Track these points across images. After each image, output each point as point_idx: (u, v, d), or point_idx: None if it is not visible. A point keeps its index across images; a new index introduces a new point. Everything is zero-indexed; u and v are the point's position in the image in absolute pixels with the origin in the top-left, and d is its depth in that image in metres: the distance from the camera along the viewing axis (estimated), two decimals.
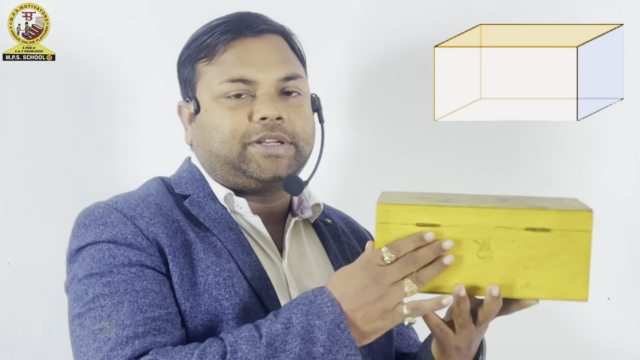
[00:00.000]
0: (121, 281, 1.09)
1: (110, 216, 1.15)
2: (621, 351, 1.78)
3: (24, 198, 1.72)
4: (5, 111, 1.72)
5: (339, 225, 1.39)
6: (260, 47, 1.25)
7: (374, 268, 1.03)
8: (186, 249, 1.15)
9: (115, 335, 1.04)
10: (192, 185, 1.26)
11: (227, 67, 1.23)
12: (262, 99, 1.22)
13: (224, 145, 1.22)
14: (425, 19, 1.78)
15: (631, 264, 1.78)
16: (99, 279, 1.09)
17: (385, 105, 1.81)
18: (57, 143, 1.73)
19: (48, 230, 1.71)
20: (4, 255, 1.72)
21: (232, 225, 1.22)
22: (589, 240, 1.07)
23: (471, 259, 1.04)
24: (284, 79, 1.24)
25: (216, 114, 1.23)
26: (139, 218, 1.15)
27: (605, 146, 1.80)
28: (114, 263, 1.10)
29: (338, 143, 1.74)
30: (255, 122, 1.21)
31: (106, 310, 1.06)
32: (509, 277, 1.05)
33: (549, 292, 1.06)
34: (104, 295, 1.08)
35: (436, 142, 1.80)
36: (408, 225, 1.04)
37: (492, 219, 1.04)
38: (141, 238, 1.13)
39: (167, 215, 1.18)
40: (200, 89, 1.26)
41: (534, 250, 1.05)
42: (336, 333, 1.01)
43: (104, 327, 1.05)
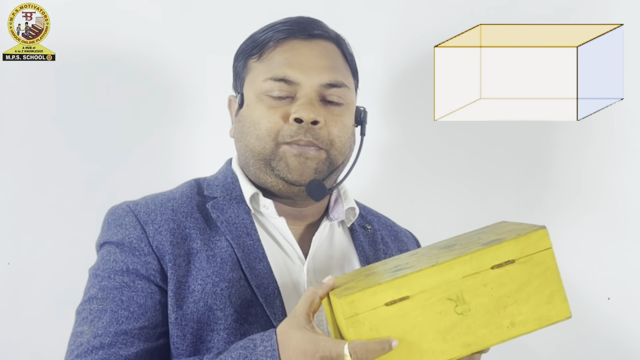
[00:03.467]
0: (113, 288, 1.18)
1: (125, 218, 1.23)
2: (621, 351, 1.78)
3: (24, 198, 1.72)
4: (5, 111, 1.72)
5: (380, 233, 1.37)
6: (308, 50, 1.26)
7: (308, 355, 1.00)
8: (189, 257, 1.19)
9: (87, 342, 1.14)
10: (222, 188, 1.28)
11: (273, 66, 1.24)
12: (300, 101, 1.22)
13: (259, 141, 1.23)
14: (425, 19, 1.78)
15: (631, 264, 1.78)
16: (100, 281, 1.20)
17: (385, 106, 1.81)
18: (57, 143, 1.73)
19: (48, 230, 1.71)
20: (4, 255, 1.71)
21: (250, 231, 1.23)
22: (552, 256, 1.05)
23: (451, 319, 1.02)
24: (327, 85, 1.24)
25: (256, 110, 1.24)
26: (150, 224, 1.21)
27: (605, 146, 1.79)
28: (114, 268, 1.20)
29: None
30: (291, 123, 1.21)
31: (92, 314, 1.17)
32: (493, 323, 1.03)
33: (534, 322, 1.04)
34: (97, 298, 1.18)
35: (436, 142, 1.80)
36: (378, 308, 1.00)
37: (457, 270, 1.02)
38: (144, 244, 1.20)
39: (180, 222, 1.22)
40: (247, 84, 1.28)
41: (506, 287, 1.03)
42: None
43: (84, 331, 1.15)
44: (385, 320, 1.00)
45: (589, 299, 1.76)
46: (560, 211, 1.80)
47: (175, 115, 1.76)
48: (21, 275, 1.71)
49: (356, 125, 1.32)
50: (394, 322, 1.00)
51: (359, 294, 0.99)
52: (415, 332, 1.01)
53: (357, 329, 0.99)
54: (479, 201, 1.80)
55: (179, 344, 1.15)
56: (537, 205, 1.80)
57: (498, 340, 1.04)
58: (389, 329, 1.00)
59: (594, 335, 1.78)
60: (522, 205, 1.80)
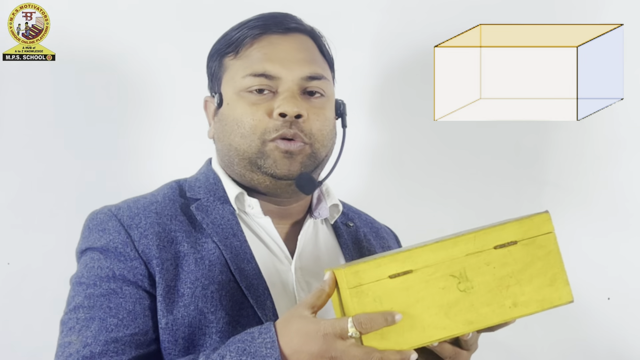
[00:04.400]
0: (100, 295, 1.15)
1: (108, 223, 1.20)
2: (621, 351, 1.78)
3: (24, 198, 1.72)
4: (6, 111, 1.72)
5: (362, 230, 1.37)
6: (286, 44, 1.25)
7: (333, 340, 0.99)
8: (177, 261, 1.17)
9: (76, 352, 1.11)
10: (205, 189, 1.26)
11: (252, 62, 1.23)
12: (283, 96, 1.21)
13: (244, 139, 1.22)
14: (425, 19, 1.78)
15: (631, 264, 1.78)
16: (85, 289, 1.16)
17: (384, 106, 1.81)
18: (57, 143, 1.73)
19: (48, 230, 1.71)
20: (4, 255, 1.71)
21: (236, 232, 1.22)
22: (554, 240, 1.07)
23: (454, 295, 1.03)
24: (307, 78, 1.24)
25: (237, 108, 1.23)
26: (134, 228, 1.18)
27: (605, 146, 1.80)
28: (99, 275, 1.16)
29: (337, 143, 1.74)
30: (275, 118, 1.21)
31: (79, 323, 1.14)
32: (496, 302, 1.04)
33: (536, 304, 1.06)
34: (83, 307, 1.15)
35: (436, 142, 1.80)
36: (382, 280, 1.01)
37: (461, 248, 1.04)
38: (130, 249, 1.17)
39: (165, 225, 1.20)
40: (224, 82, 1.26)
41: (509, 267, 1.05)
42: None
43: (72, 342, 1.12)
44: (389, 292, 1.01)
45: (589, 299, 1.76)
46: (559, 211, 1.79)
47: (176, 115, 1.76)
48: (21, 275, 1.71)
49: (337, 117, 1.32)
50: (397, 294, 1.01)
51: (363, 265, 1.01)
52: (418, 306, 1.02)
53: (361, 299, 1.00)
54: (479, 201, 1.80)
55: (171, 349, 1.13)
56: (537, 205, 1.79)
57: (500, 320, 1.05)
58: (392, 301, 1.01)
59: (594, 335, 1.78)
60: (521, 205, 1.80)
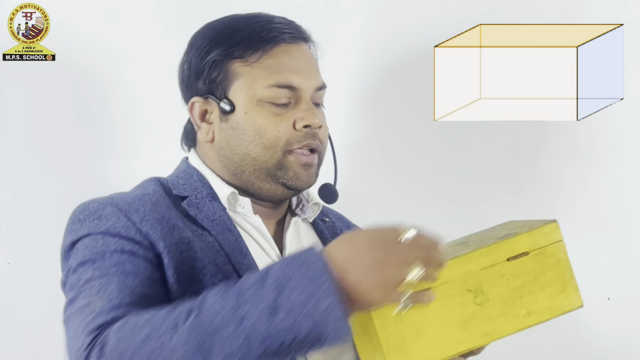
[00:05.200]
0: (112, 265, 1.07)
1: (104, 210, 1.14)
2: (621, 351, 1.78)
3: (24, 198, 1.72)
4: (5, 111, 1.72)
5: (338, 225, 1.39)
6: (299, 54, 1.25)
7: (386, 240, 0.95)
8: (183, 246, 1.14)
9: (101, 306, 1.02)
10: (190, 187, 1.25)
11: (273, 72, 1.22)
12: (304, 107, 1.22)
13: (266, 150, 1.21)
14: (425, 19, 1.78)
15: (631, 264, 1.78)
16: (91, 264, 1.08)
17: (385, 105, 1.81)
18: (57, 143, 1.73)
19: (48, 230, 1.70)
20: (4, 255, 1.71)
21: (230, 227, 1.21)
22: (563, 249, 1.10)
23: (471, 309, 1.05)
24: (318, 88, 1.25)
25: (259, 118, 1.21)
26: (133, 213, 1.14)
27: (605, 146, 1.80)
28: (106, 250, 1.09)
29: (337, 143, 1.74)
30: (299, 130, 1.21)
31: (96, 289, 1.05)
32: (510, 312, 1.06)
33: (549, 311, 1.08)
34: (95, 278, 1.06)
35: (436, 142, 1.80)
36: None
37: (476, 263, 1.05)
38: (134, 232, 1.12)
39: (163, 213, 1.17)
40: (236, 89, 1.23)
41: (522, 278, 1.07)
42: (317, 283, 0.91)
43: (92, 302, 1.03)
44: (409, 311, 1.01)
45: (589, 299, 1.76)
46: (559, 211, 1.80)
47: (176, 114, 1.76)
48: (21, 275, 1.71)
49: None
50: (417, 312, 1.02)
51: None
52: (437, 322, 1.04)
53: (383, 321, 1.01)
54: (479, 201, 1.80)
55: None
56: (537, 205, 1.80)
57: (515, 329, 1.07)
58: (412, 319, 1.02)
59: (594, 335, 1.78)
60: (521, 205, 1.80)
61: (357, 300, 0.93)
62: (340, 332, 0.91)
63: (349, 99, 1.80)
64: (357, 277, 0.93)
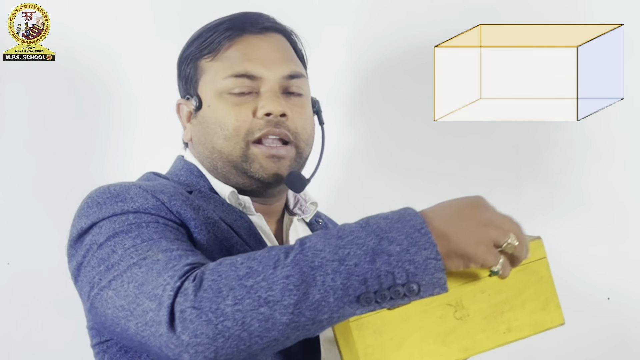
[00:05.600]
0: (153, 232, 1.02)
1: (129, 192, 1.08)
2: (621, 351, 1.78)
3: (24, 198, 1.72)
4: (6, 111, 1.72)
5: (329, 226, 1.39)
6: (264, 44, 1.25)
7: (483, 205, 0.98)
8: (210, 226, 1.12)
9: (166, 256, 0.96)
10: (192, 182, 1.24)
11: (232, 63, 1.22)
12: (266, 95, 1.21)
13: (228, 142, 1.21)
14: (425, 19, 1.78)
15: (631, 264, 1.78)
16: (127, 235, 1.01)
17: (385, 106, 1.81)
18: (58, 143, 1.73)
19: (48, 230, 1.71)
20: (4, 255, 1.71)
21: (241, 214, 1.21)
22: (546, 266, 1.08)
23: (451, 323, 1.04)
24: (287, 77, 1.24)
25: (219, 109, 1.22)
26: (159, 193, 1.10)
27: (605, 146, 1.79)
28: (141, 221, 1.04)
29: (338, 143, 1.74)
30: (259, 118, 1.20)
31: (143, 249, 0.98)
32: (490, 327, 1.05)
33: (529, 328, 1.07)
34: (137, 245, 0.99)
35: (436, 142, 1.80)
36: (381, 312, 0.99)
37: (457, 277, 1.03)
38: (165, 211, 1.08)
39: (186, 196, 1.14)
40: (202, 85, 1.25)
41: (503, 294, 1.06)
42: (415, 236, 0.92)
43: (149, 256, 0.97)
44: (388, 323, 1.02)
45: (589, 299, 1.76)
46: (559, 211, 1.80)
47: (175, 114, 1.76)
48: (21, 275, 1.71)
49: (313, 114, 1.32)
50: (396, 325, 1.02)
51: None
52: (416, 335, 1.03)
53: (361, 332, 1.01)
54: None
55: None
56: (537, 205, 1.80)
57: (495, 345, 1.06)
58: (391, 332, 1.02)
59: (594, 335, 1.78)
60: (521, 205, 1.80)
61: (454, 250, 0.94)
62: (436, 283, 0.92)
63: (349, 99, 1.80)
64: (461, 235, 0.94)
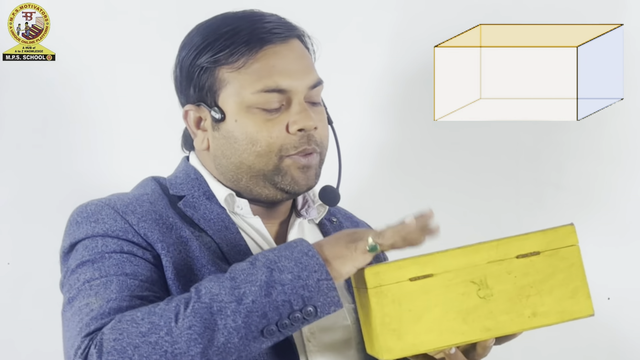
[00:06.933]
0: (112, 265, 1.09)
1: (101, 213, 1.14)
2: (621, 351, 1.78)
3: (24, 198, 1.72)
4: (5, 111, 1.72)
5: (345, 224, 1.36)
6: (289, 53, 1.21)
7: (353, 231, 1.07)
8: (181, 246, 1.14)
9: (99, 307, 1.03)
10: (187, 185, 1.23)
11: (260, 76, 1.18)
12: (296, 110, 1.18)
13: (260, 158, 1.18)
14: (425, 19, 1.78)
15: (631, 264, 1.78)
16: (91, 265, 1.09)
17: (385, 105, 1.81)
18: (57, 143, 1.73)
19: (48, 230, 1.70)
20: (4, 255, 1.72)
21: (228, 224, 1.20)
22: (578, 253, 1.07)
23: (473, 301, 1.04)
24: (312, 86, 1.21)
25: (249, 125, 1.18)
26: (130, 214, 1.14)
27: (605, 146, 1.80)
28: (106, 250, 1.11)
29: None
30: (292, 133, 1.18)
31: (94, 289, 1.06)
32: (515, 310, 1.05)
33: (556, 315, 1.06)
34: (94, 278, 1.08)
35: (436, 142, 1.80)
36: (402, 282, 1.02)
37: (483, 255, 1.04)
38: (132, 234, 1.12)
39: (161, 212, 1.17)
40: (225, 97, 1.21)
41: (530, 277, 1.05)
42: (304, 260, 1.00)
43: (90, 302, 1.04)
44: (408, 294, 1.02)
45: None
46: (560, 211, 1.80)
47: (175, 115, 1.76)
48: (21, 275, 1.71)
49: None
50: (416, 297, 1.02)
51: (384, 266, 1.03)
52: (436, 310, 1.03)
53: (380, 300, 1.02)
54: (479, 201, 1.80)
55: None
56: (537, 206, 1.80)
57: (518, 329, 1.05)
58: (411, 303, 1.02)
59: (594, 335, 1.78)
60: (522, 206, 1.80)
61: (335, 266, 1.02)
62: (331, 302, 1.00)
63: (348, 99, 1.80)
64: (331, 247, 1.03)
